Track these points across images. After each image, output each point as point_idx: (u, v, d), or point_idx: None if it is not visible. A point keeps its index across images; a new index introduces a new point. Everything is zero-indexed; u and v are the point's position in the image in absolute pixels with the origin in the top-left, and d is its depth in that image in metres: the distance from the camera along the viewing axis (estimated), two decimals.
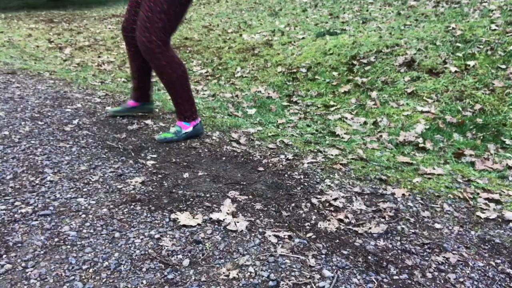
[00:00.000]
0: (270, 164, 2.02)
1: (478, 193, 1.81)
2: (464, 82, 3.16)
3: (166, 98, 3.36)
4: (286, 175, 1.90)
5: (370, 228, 1.47)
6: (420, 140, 2.56)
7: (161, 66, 2.10)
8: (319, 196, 1.70)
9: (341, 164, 2.08)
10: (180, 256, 1.25)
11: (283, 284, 1.15)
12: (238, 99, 3.59)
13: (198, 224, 1.43)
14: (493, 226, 1.55)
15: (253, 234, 1.39)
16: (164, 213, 1.49)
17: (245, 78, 4.20)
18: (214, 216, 1.47)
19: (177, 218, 1.45)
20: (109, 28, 7.18)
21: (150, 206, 1.54)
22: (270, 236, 1.38)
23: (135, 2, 2.23)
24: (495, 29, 3.74)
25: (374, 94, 3.31)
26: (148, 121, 2.58)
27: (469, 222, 1.57)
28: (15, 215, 1.41)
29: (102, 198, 1.57)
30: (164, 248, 1.29)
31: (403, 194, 1.76)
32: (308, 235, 1.41)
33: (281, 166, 2.01)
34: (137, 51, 2.32)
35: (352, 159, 2.18)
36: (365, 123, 2.93)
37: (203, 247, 1.31)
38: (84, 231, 1.35)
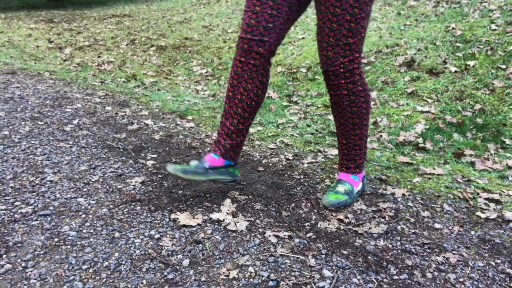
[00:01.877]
0: (270, 164, 2.02)
1: (478, 193, 1.81)
2: (464, 82, 3.16)
3: (166, 98, 3.36)
4: (286, 175, 1.90)
5: (370, 228, 1.47)
6: (420, 140, 2.56)
7: (355, 94, 1.51)
8: (319, 196, 1.69)
9: None
10: (180, 256, 1.25)
11: (283, 284, 1.15)
12: None
13: (198, 224, 1.43)
14: (493, 226, 1.55)
15: (253, 234, 1.39)
16: (164, 213, 1.49)
17: None
18: (214, 216, 1.47)
19: (177, 218, 1.45)
20: (109, 28, 7.18)
21: (150, 206, 1.54)
22: (270, 236, 1.38)
23: (271, 1, 1.44)
24: (495, 29, 3.74)
25: (374, 94, 3.31)
26: (148, 121, 2.58)
27: (469, 222, 1.57)
28: (15, 215, 1.41)
29: (102, 198, 1.57)
30: (164, 248, 1.29)
31: (403, 194, 1.76)
32: (308, 235, 1.41)
33: (281, 166, 2.01)
34: (258, 68, 1.50)
35: None
36: None
37: (203, 247, 1.31)
38: (84, 231, 1.35)
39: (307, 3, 1.53)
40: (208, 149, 2.17)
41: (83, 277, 1.14)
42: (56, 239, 1.29)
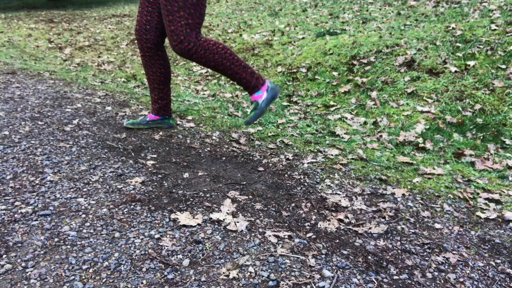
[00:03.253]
0: (270, 164, 2.02)
1: (478, 193, 1.81)
2: (464, 82, 3.16)
3: None
4: (286, 175, 1.90)
5: (370, 228, 1.47)
6: (420, 140, 2.56)
7: (206, 59, 2.01)
8: (319, 196, 1.69)
9: (341, 164, 2.08)
10: (180, 256, 1.25)
11: (283, 284, 1.14)
12: (238, 99, 3.59)
13: (198, 224, 1.43)
14: (493, 226, 1.55)
15: (253, 234, 1.39)
16: (164, 213, 1.49)
17: None
18: (214, 216, 1.47)
19: (177, 218, 1.45)
20: (109, 28, 7.18)
21: (150, 206, 1.54)
22: (270, 236, 1.38)
23: (146, 2, 2.11)
24: (495, 29, 3.74)
25: (374, 94, 3.31)
26: None
27: (469, 222, 1.57)
28: (15, 215, 1.41)
29: (102, 198, 1.57)
30: (164, 248, 1.29)
31: (403, 194, 1.76)
32: (308, 235, 1.41)
33: (281, 166, 2.01)
34: (152, 57, 2.21)
35: (352, 159, 2.18)
36: (365, 123, 2.93)
37: (203, 247, 1.31)
38: (84, 231, 1.35)
39: None
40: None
41: (83, 277, 1.14)
42: (56, 239, 1.29)
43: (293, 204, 1.62)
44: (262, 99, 2.09)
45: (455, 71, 3.31)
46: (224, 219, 1.46)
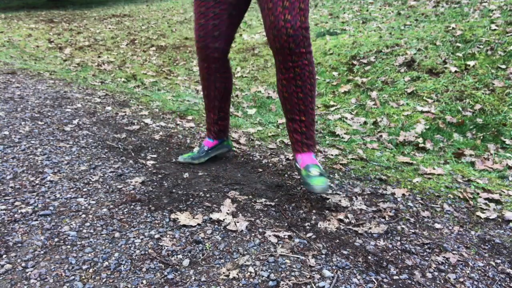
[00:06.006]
0: (270, 164, 2.02)
1: (478, 193, 1.81)
2: (464, 82, 3.16)
3: (166, 98, 3.36)
4: (286, 175, 1.90)
5: (370, 228, 1.47)
6: (420, 140, 2.56)
7: (312, 64, 1.52)
8: (319, 196, 1.69)
9: (341, 164, 2.08)
10: (180, 256, 1.25)
11: (283, 284, 1.14)
12: (238, 99, 3.59)
13: (198, 224, 1.43)
14: (493, 226, 1.55)
15: (253, 234, 1.39)
16: (164, 213, 1.49)
17: (245, 78, 4.20)
18: (214, 216, 1.47)
19: (177, 218, 1.45)
20: (109, 28, 7.18)
21: (150, 206, 1.54)
22: (270, 236, 1.38)
23: (212, 1, 1.67)
24: (495, 29, 3.74)
25: (374, 94, 3.31)
26: (148, 121, 2.58)
27: (469, 222, 1.57)
28: (15, 215, 1.41)
29: (102, 198, 1.57)
30: (164, 248, 1.29)
31: (403, 194, 1.76)
32: (308, 235, 1.41)
33: (281, 166, 2.01)
34: (219, 69, 1.79)
35: (352, 159, 2.18)
36: (365, 123, 2.93)
37: (203, 247, 1.31)
38: (84, 231, 1.35)
39: (244, 7, 1.73)
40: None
41: (83, 277, 1.14)
42: (56, 239, 1.29)
43: (293, 204, 1.62)
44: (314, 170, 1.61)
45: (455, 71, 3.31)
46: (224, 219, 1.46)
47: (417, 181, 1.91)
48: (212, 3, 1.66)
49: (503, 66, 3.20)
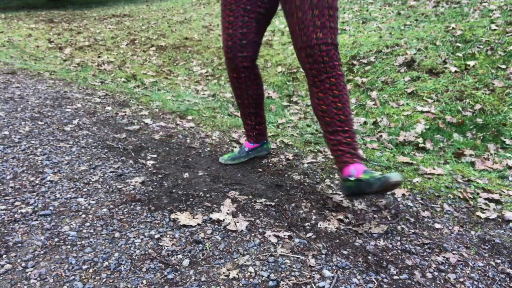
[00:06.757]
0: (270, 164, 2.02)
1: (478, 193, 1.81)
2: (464, 82, 3.16)
3: (166, 98, 3.36)
4: (286, 175, 1.90)
5: (370, 228, 1.47)
6: (420, 140, 2.56)
7: (341, 79, 1.52)
8: (319, 196, 1.70)
9: None
10: (180, 256, 1.25)
11: (283, 284, 1.14)
12: None
13: (198, 224, 1.43)
14: (493, 226, 1.55)
15: (253, 234, 1.39)
16: (164, 213, 1.49)
17: None
18: (214, 216, 1.47)
19: (177, 218, 1.45)
20: (109, 28, 7.18)
21: (150, 206, 1.54)
22: (270, 236, 1.38)
23: (242, 10, 1.66)
24: (495, 29, 3.74)
25: (374, 94, 3.31)
26: (148, 121, 2.58)
27: (469, 222, 1.57)
28: (15, 215, 1.41)
29: (102, 198, 1.57)
30: (164, 248, 1.29)
31: (403, 194, 1.76)
32: (308, 235, 1.41)
33: (281, 166, 2.01)
34: (249, 77, 1.80)
35: None
36: (365, 123, 2.93)
37: (203, 247, 1.31)
38: (84, 231, 1.35)
39: (272, 14, 1.74)
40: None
41: (83, 277, 1.14)
42: (56, 239, 1.29)
43: (293, 204, 1.62)
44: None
45: (455, 71, 3.31)
46: (224, 219, 1.46)
47: (417, 181, 1.91)
48: (242, 11, 1.66)
49: (503, 66, 3.20)
